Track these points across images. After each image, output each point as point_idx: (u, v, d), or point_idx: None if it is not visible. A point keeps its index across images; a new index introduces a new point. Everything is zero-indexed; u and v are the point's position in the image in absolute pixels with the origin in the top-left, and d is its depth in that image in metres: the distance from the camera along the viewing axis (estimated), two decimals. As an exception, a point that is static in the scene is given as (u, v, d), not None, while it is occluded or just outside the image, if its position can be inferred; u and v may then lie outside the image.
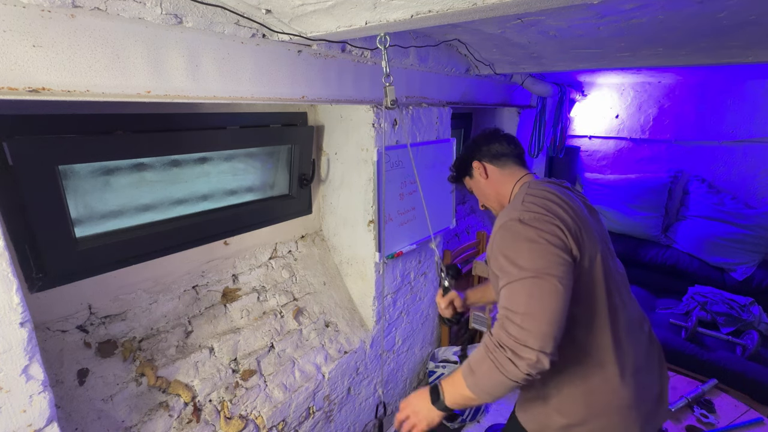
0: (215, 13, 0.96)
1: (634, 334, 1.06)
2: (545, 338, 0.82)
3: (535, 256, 0.89)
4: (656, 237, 3.16)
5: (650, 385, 1.06)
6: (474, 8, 0.79)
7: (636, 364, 1.02)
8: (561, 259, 0.89)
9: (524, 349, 0.82)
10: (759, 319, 2.41)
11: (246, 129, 1.48)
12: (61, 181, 1.08)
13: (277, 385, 1.48)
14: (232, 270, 1.59)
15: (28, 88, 0.75)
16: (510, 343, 0.84)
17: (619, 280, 1.07)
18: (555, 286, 0.86)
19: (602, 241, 1.05)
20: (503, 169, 1.20)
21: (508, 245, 0.94)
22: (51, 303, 1.13)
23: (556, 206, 0.97)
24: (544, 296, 0.85)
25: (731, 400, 1.91)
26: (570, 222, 0.95)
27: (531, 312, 0.84)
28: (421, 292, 2.21)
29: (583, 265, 0.95)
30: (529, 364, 0.82)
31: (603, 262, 1.00)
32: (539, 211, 0.95)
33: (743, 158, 2.93)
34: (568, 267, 0.90)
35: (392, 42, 1.37)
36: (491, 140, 1.23)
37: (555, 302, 0.85)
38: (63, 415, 1.06)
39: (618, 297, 1.03)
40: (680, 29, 1.35)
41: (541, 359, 0.82)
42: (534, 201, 0.99)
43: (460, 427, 2.24)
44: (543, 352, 0.82)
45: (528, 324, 0.84)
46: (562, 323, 0.85)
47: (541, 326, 0.83)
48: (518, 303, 0.87)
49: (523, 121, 3.18)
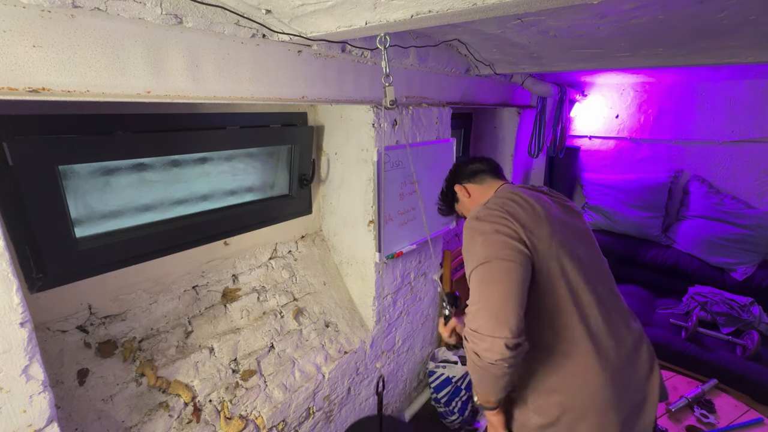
0: (215, 13, 0.96)
1: (614, 332, 1.04)
2: (500, 322, 0.84)
3: (486, 245, 0.95)
4: (656, 237, 3.16)
5: (633, 388, 1.03)
6: (474, 8, 0.79)
7: (616, 363, 1.00)
8: (511, 245, 0.94)
9: (482, 337, 0.85)
10: (759, 319, 2.41)
11: (246, 129, 1.48)
12: (61, 181, 1.08)
13: (277, 385, 1.48)
14: (232, 270, 1.59)
15: (28, 88, 0.75)
16: (470, 334, 0.89)
17: (595, 276, 1.07)
18: (502, 264, 0.90)
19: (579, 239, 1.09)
20: (482, 184, 1.29)
21: (467, 241, 1.02)
22: (51, 303, 1.13)
23: (514, 204, 1.04)
24: (494, 279, 0.89)
25: (731, 400, 1.91)
26: (525, 217, 1.00)
27: (485, 297, 0.88)
28: (421, 292, 2.20)
29: (542, 264, 0.98)
30: (489, 353, 0.85)
31: (571, 256, 1.02)
32: (495, 208, 1.03)
33: (743, 158, 2.93)
34: (517, 251, 0.93)
35: (392, 42, 1.37)
36: (466, 163, 1.36)
37: (507, 283, 0.88)
38: (63, 415, 1.05)
39: (589, 294, 1.02)
40: (680, 29, 1.35)
41: (498, 346, 0.83)
42: (495, 202, 1.07)
43: (460, 428, 2.24)
44: (500, 336, 0.83)
45: (482, 312, 0.87)
46: (516, 303, 0.87)
47: (494, 310, 0.85)
48: (474, 293, 0.91)
49: (523, 121, 3.17)
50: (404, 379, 2.24)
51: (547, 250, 0.99)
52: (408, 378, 2.28)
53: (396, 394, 2.19)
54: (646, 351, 1.09)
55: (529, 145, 3.15)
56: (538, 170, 3.57)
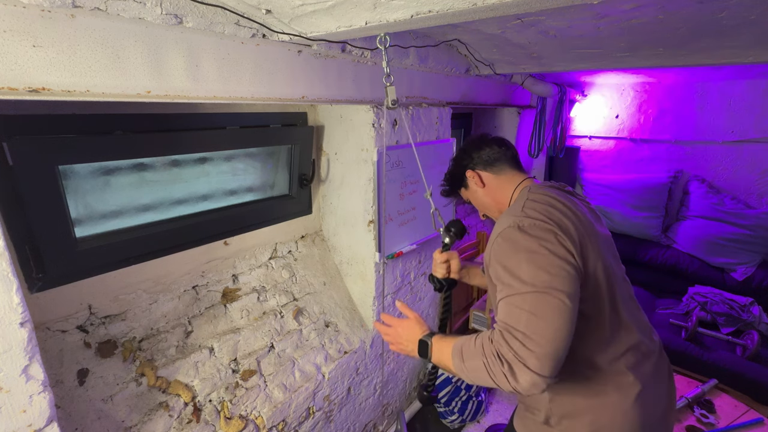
0: (215, 13, 0.96)
1: (645, 347, 0.99)
2: (546, 360, 0.75)
3: (536, 268, 0.82)
4: (656, 237, 3.16)
5: (658, 403, 1.00)
6: (474, 8, 0.79)
7: (646, 378, 0.96)
8: (565, 272, 0.82)
9: (523, 369, 0.76)
10: (759, 319, 2.41)
11: (246, 129, 1.48)
12: (61, 181, 1.08)
13: (277, 385, 1.48)
14: (232, 270, 1.59)
15: (28, 88, 0.75)
16: (510, 357, 0.78)
17: (626, 289, 1.02)
18: (560, 302, 0.79)
19: (607, 248, 0.99)
20: (499, 175, 1.13)
21: (508, 255, 0.87)
22: (51, 303, 1.13)
23: (558, 212, 0.91)
24: (547, 313, 0.78)
25: (731, 400, 1.91)
26: (572, 230, 0.88)
27: (533, 330, 0.77)
28: (422, 292, 2.20)
29: (587, 276, 0.88)
30: (524, 385, 0.76)
31: (609, 270, 0.94)
32: (539, 217, 0.89)
33: (743, 158, 2.93)
34: (573, 280, 0.82)
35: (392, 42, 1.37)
36: (482, 146, 1.16)
37: (560, 320, 0.78)
38: (63, 415, 1.05)
39: (626, 309, 0.97)
40: (680, 29, 1.35)
41: (537, 382, 0.75)
42: (534, 207, 0.92)
43: (460, 427, 2.24)
44: (541, 375, 0.75)
45: (530, 343, 0.76)
46: (567, 342, 0.78)
47: (543, 348, 0.76)
48: (519, 320, 0.79)
49: (523, 121, 3.17)
50: (404, 379, 2.24)
51: (593, 266, 0.90)
52: (408, 378, 2.28)
53: (396, 394, 2.19)
54: (666, 361, 1.08)
55: (529, 145, 3.15)
56: (538, 170, 3.57)
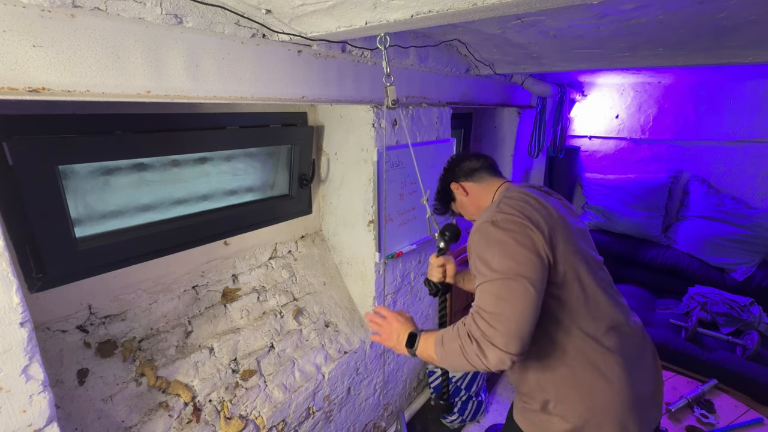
0: (215, 13, 0.96)
1: (627, 328, 1.06)
2: (511, 339, 0.85)
3: (505, 257, 0.92)
4: (656, 237, 3.16)
5: (645, 379, 1.07)
6: (474, 8, 0.79)
7: (632, 359, 1.03)
8: (530, 261, 0.91)
9: (490, 347, 0.86)
10: (759, 319, 2.41)
11: (246, 129, 1.48)
12: (61, 181, 1.08)
13: (277, 385, 1.48)
14: (232, 270, 1.59)
15: (28, 88, 0.75)
16: (478, 335, 0.88)
17: (603, 276, 1.08)
18: (524, 287, 0.88)
19: (581, 238, 1.08)
20: (480, 183, 1.25)
21: (482, 248, 0.97)
22: (51, 303, 1.13)
23: (530, 208, 1.00)
24: (512, 297, 0.88)
25: (731, 400, 1.91)
26: (542, 222, 0.97)
27: (499, 312, 0.87)
28: (421, 292, 2.20)
29: (557, 262, 0.97)
30: (492, 361, 0.86)
31: (584, 257, 1.02)
32: (511, 212, 0.99)
33: (743, 158, 2.93)
34: (538, 268, 0.91)
35: (392, 42, 1.37)
36: (461, 160, 1.31)
37: (523, 303, 0.87)
38: (63, 415, 1.05)
39: (605, 293, 1.04)
40: (680, 29, 1.35)
41: (503, 359, 0.85)
42: (509, 203, 1.02)
43: (460, 428, 2.24)
44: (507, 352, 0.85)
45: (496, 323, 0.86)
46: (531, 323, 0.87)
47: (508, 326, 0.86)
48: (487, 303, 0.90)
49: (523, 121, 3.17)
50: (404, 379, 2.24)
51: (563, 254, 0.98)
52: (408, 378, 2.28)
53: (396, 394, 2.19)
54: (650, 341, 1.14)
55: (529, 145, 3.15)
56: (538, 170, 3.57)
